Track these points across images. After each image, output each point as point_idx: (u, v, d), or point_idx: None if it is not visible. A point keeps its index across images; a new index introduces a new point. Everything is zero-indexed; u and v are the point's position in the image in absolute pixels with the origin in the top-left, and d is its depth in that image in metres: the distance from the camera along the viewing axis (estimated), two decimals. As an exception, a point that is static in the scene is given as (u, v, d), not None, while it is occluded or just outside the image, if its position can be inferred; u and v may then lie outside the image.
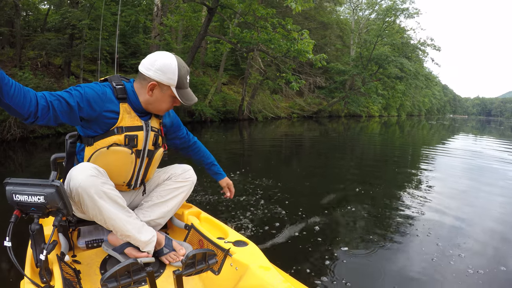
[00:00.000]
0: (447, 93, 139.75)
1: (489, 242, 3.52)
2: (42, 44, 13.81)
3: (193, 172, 2.40)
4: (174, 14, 16.12)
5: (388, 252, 3.13)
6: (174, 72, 1.93)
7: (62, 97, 1.73)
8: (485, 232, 3.83)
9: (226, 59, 23.55)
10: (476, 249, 3.33)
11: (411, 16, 32.64)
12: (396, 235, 3.55)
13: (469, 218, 4.29)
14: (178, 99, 1.99)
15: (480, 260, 3.08)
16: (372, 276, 2.69)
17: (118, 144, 1.93)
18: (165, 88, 1.96)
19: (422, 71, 38.88)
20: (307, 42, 12.39)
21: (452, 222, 4.08)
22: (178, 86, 1.96)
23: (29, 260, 1.76)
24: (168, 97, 1.99)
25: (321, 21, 31.01)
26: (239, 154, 9.03)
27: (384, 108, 47.96)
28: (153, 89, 1.95)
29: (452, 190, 5.77)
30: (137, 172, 2.12)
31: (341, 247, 3.20)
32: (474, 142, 16.40)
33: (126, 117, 1.96)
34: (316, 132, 18.92)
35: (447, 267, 2.87)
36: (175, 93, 1.96)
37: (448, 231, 3.76)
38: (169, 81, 1.93)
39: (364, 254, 3.07)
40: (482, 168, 8.30)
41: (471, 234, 3.71)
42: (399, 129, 24.82)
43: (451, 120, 56.71)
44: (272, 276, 1.67)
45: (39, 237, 1.61)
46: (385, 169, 7.91)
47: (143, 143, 2.03)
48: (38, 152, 8.75)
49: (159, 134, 2.16)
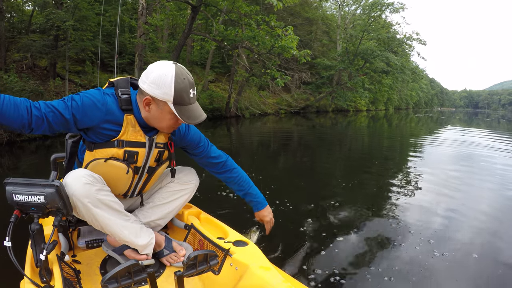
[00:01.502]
0: (435, 86, 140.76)
1: (479, 231, 3.65)
2: (27, 46, 13.65)
3: (196, 175, 2.36)
4: (158, 13, 16.15)
5: (387, 251, 3.11)
6: (170, 86, 1.70)
7: (57, 109, 1.66)
8: (476, 220, 3.97)
9: (213, 56, 23.56)
10: (465, 237, 3.44)
11: (396, 10, 32.79)
12: (397, 233, 3.52)
13: (459, 206, 4.43)
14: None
15: (470, 248, 3.18)
16: (371, 275, 2.67)
17: (116, 159, 1.84)
18: (161, 104, 1.76)
19: (408, 65, 39.17)
20: (291, 39, 12.45)
21: (442, 211, 4.21)
22: (176, 102, 1.73)
23: (29, 260, 1.76)
24: (167, 114, 1.79)
25: (306, 17, 31.10)
26: (227, 151, 9.10)
27: (371, 102, 48.30)
28: (149, 104, 1.78)
29: (441, 180, 5.90)
30: (135, 186, 2.06)
31: (341, 246, 3.20)
32: (461, 133, 16.69)
33: (130, 131, 1.84)
34: (304, 127, 19.02)
35: (441, 260, 2.91)
36: (173, 110, 1.74)
37: (440, 221, 3.87)
38: (164, 96, 1.72)
39: (363, 253, 3.06)
40: (468, 157, 8.56)
41: (461, 222, 3.85)
42: (387, 123, 25.02)
43: (439, 113, 57.21)
44: (272, 276, 1.67)
45: (39, 237, 1.61)
46: (373, 162, 7.98)
47: (143, 160, 1.94)
48: (26, 155, 8.69)
49: (164, 150, 2.03)
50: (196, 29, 15.30)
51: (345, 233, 3.49)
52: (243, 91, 23.54)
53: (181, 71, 1.74)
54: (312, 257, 2.96)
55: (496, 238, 3.47)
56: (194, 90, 1.81)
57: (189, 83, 1.76)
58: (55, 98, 13.01)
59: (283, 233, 3.47)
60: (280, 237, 3.34)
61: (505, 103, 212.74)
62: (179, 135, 2.12)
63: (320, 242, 3.27)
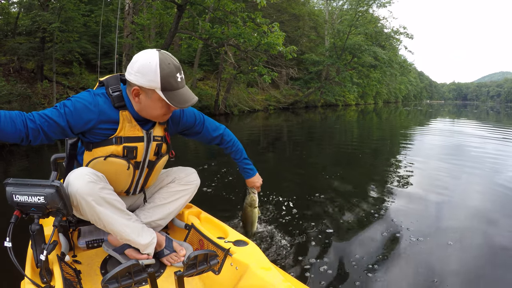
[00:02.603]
0: (423, 80, 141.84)
1: (472, 220, 3.81)
2: (13, 49, 13.56)
3: (197, 175, 2.36)
4: (145, 12, 16.11)
5: (385, 248, 3.15)
6: (155, 73, 1.69)
7: (51, 118, 1.68)
8: (468, 209, 4.15)
9: (201, 54, 23.53)
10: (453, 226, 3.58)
11: (383, 5, 32.97)
12: (396, 233, 3.51)
13: (449, 196, 4.61)
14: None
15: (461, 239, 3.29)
16: (371, 274, 2.69)
17: (115, 156, 1.85)
18: (150, 93, 1.75)
19: (396, 59, 39.31)
20: (277, 35, 12.51)
21: (434, 202, 4.37)
22: (164, 88, 1.72)
23: (29, 261, 1.76)
24: (158, 102, 1.78)
25: (293, 13, 31.10)
26: (216, 149, 9.15)
27: (360, 97, 48.53)
28: (138, 95, 1.78)
29: (431, 171, 6.09)
30: (136, 182, 2.07)
31: (340, 245, 3.23)
32: (450, 125, 16.96)
33: (127, 126, 1.85)
34: (293, 122, 19.12)
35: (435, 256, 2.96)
36: (162, 97, 1.73)
37: (431, 212, 4.02)
38: (151, 83, 1.71)
39: (362, 251, 3.09)
40: (457, 146, 8.88)
41: (453, 211, 4.05)
42: (376, 116, 25.18)
43: (428, 106, 57.59)
44: (272, 275, 1.68)
45: (39, 238, 1.62)
46: (363, 155, 8.14)
47: (143, 155, 1.95)
48: (16, 159, 8.65)
49: (163, 142, 2.04)
50: (183, 28, 15.31)
51: (343, 232, 3.53)
52: (232, 88, 23.54)
53: (166, 57, 1.72)
54: (312, 257, 2.97)
55: (490, 225, 3.62)
56: (182, 74, 1.79)
57: (175, 68, 1.74)
58: (43, 100, 13.02)
59: (283, 233, 3.47)
60: (280, 237, 3.37)
61: (493, 95, 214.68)
62: (175, 121, 2.12)
63: (320, 242, 3.29)
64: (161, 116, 1.87)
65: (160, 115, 1.86)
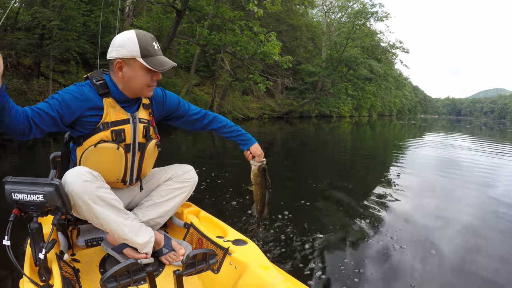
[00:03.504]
0: (418, 94, 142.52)
1: (463, 235, 3.78)
2: (12, 44, 13.46)
3: (194, 172, 2.36)
4: (145, 15, 16.20)
5: (384, 253, 3.15)
6: (134, 42, 1.83)
7: (43, 110, 1.73)
8: (459, 223, 4.10)
9: (198, 60, 23.64)
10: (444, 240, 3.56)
11: (380, 19, 33.25)
12: (394, 236, 3.55)
13: (441, 209, 4.61)
14: (154, 71, 1.88)
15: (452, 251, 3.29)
16: (370, 275, 2.71)
17: (105, 141, 1.89)
18: (131, 62, 1.86)
19: (391, 72, 39.65)
20: (273, 44, 12.67)
21: (423, 214, 4.37)
22: (143, 55, 1.84)
23: (28, 259, 1.76)
24: (139, 71, 1.87)
25: (291, 24, 31.28)
26: (209, 155, 9.26)
27: (355, 109, 48.78)
28: (121, 68, 1.88)
29: (423, 183, 6.14)
30: (130, 168, 2.07)
31: (341, 246, 3.25)
32: (444, 139, 16.99)
33: (111, 112, 1.92)
34: (287, 132, 19.16)
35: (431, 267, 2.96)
36: (143, 63, 1.84)
37: (420, 223, 4.02)
38: (132, 52, 1.83)
39: (361, 253, 3.12)
40: (449, 160, 8.93)
41: (440, 222, 4.04)
42: (370, 129, 25.21)
43: (422, 120, 57.81)
44: (271, 275, 1.67)
45: (38, 236, 1.61)
46: (356, 166, 8.17)
47: (131, 136, 1.98)
48: (7, 154, 8.55)
49: (149, 125, 2.09)
50: (181, 33, 15.42)
51: (337, 236, 3.52)
52: (227, 95, 23.66)
53: (140, 31, 1.88)
54: (311, 256, 2.99)
55: (477, 239, 3.64)
56: (157, 43, 1.93)
57: (151, 38, 1.89)
58: (38, 97, 13.07)
59: (282, 232, 3.50)
60: (279, 236, 3.40)
61: (487, 111, 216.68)
62: (159, 102, 2.19)
63: (320, 242, 3.32)
64: (145, 88, 1.95)
65: (144, 86, 1.93)
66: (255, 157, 2.33)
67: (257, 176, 2.28)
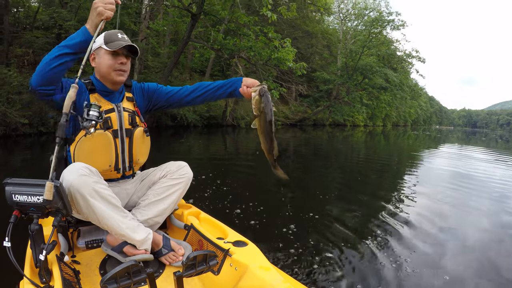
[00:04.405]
0: (434, 105, 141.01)
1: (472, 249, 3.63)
2: (29, 42, 13.78)
3: (188, 168, 2.38)
4: (161, 18, 16.30)
5: (383, 256, 3.15)
6: (102, 36, 2.08)
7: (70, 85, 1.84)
8: (471, 241, 3.91)
9: (213, 65, 23.73)
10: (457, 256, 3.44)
11: (396, 28, 32.99)
12: (392, 239, 3.58)
13: (453, 226, 4.35)
14: (118, 54, 2.06)
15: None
16: (370, 278, 2.73)
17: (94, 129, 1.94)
18: (99, 51, 2.08)
19: (407, 82, 39.31)
20: (287, 51, 12.63)
21: (436, 231, 4.08)
22: (106, 42, 2.05)
23: (28, 260, 1.75)
24: (104, 56, 2.07)
25: (306, 30, 31.24)
26: (223, 158, 9.28)
27: (369, 118, 48.36)
28: (94, 59, 2.11)
29: (438, 200, 5.78)
30: (122, 154, 2.16)
31: (340, 248, 3.26)
32: (459, 151, 16.66)
33: None
34: (301, 139, 19.07)
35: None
36: (105, 48, 2.04)
37: (432, 242, 3.75)
38: (99, 43, 2.07)
39: (361, 256, 3.12)
40: (464, 175, 8.58)
41: (454, 242, 3.81)
42: (384, 139, 24.90)
43: (437, 131, 57.12)
44: (272, 276, 1.68)
45: (38, 237, 1.61)
46: (368, 176, 8.05)
47: (117, 123, 2.11)
48: (20, 150, 8.76)
49: (135, 115, 2.21)
50: (197, 37, 15.50)
51: (345, 237, 3.58)
52: (241, 100, 23.68)
53: (111, 31, 2.12)
54: (311, 257, 3.01)
55: (490, 262, 3.40)
56: (123, 35, 2.12)
57: (117, 31, 2.11)
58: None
59: (282, 234, 3.52)
60: (280, 237, 3.41)
61: (503, 123, 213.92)
62: (139, 93, 2.34)
63: (320, 243, 3.35)
64: (112, 71, 2.09)
65: (110, 69, 2.08)
66: (252, 83, 2.13)
67: (259, 103, 1.92)
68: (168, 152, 9.44)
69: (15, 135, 10.67)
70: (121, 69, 2.11)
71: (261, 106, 1.92)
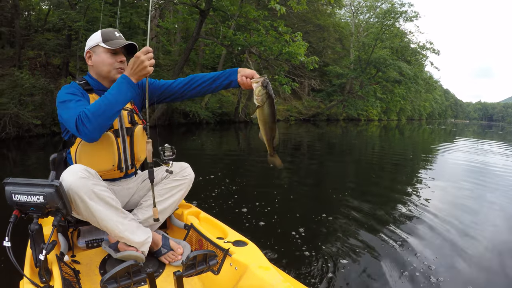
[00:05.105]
0: (449, 98, 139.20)
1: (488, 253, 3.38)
2: (41, 44, 13.96)
3: (190, 170, 2.39)
4: (170, 16, 16.27)
5: (385, 258, 3.06)
6: (97, 33, 2.11)
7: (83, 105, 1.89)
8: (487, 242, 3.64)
9: (224, 61, 23.69)
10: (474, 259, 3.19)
11: (409, 19, 32.54)
12: (394, 242, 3.43)
13: (470, 225, 4.09)
14: (117, 53, 2.09)
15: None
16: (370, 278, 2.69)
17: None
18: (96, 49, 2.09)
19: (421, 75, 38.76)
20: (299, 45, 12.49)
21: (452, 232, 3.80)
22: (105, 40, 2.07)
23: (28, 260, 1.77)
24: (103, 54, 2.08)
25: (318, 24, 30.95)
26: (235, 153, 9.15)
27: (383, 112, 47.82)
28: (90, 57, 2.12)
29: (453, 197, 5.56)
30: (124, 152, 2.17)
31: (340, 248, 3.21)
32: (475, 146, 16.25)
33: None
34: (314, 134, 18.95)
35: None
36: (104, 46, 2.06)
37: (448, 245, 3.49)
38: (96, 41, 2.08)
39: (361, 257, 3.05)
40: (481, 171, 8.25)
41: (472, 243, 3.56)
42: (399, 133, 24.60)
43: (452, 125, 56.36)
44: (271, 276, 1.68)
45: (38, 237, 1.62)
46: (383, 172, 7.87)
47: (118, 122, 2.12)
48: (33, 150, 8.88)
49: (133, 113, 2.24)
50: (208, 34, 15.43)
51: (346, 238, 3.48)
52: (253, 97, 23.62)
53: (106, 29, 2.14)
54: (311, 257, 2.98)
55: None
56: (119, 33, 2.15)
57: (113, 29, 2.14)
58: (65, 96, 13.40)
59: (283, 233, 3.48)
60: (280, 237, 3.37)
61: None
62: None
63: (320, 243, 3.29)
64: (112, 70, 2.11)
65: (110, 67, 2.10)
66: (248, 74, 2.13)
67: (263, 95, 1.92)
68: (179, 150, 8.96)
69: (28, 136, 10.82)
70: (121, 67, 2.12)
71: (264, 97, 1.93)
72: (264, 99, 1.93)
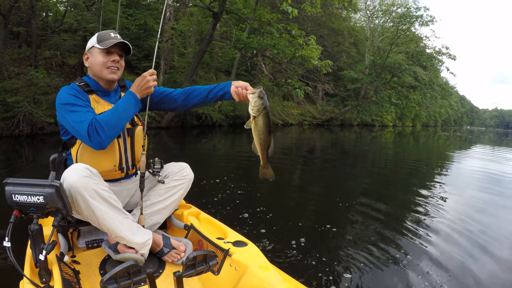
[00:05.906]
0: (465, 104, 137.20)
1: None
2: (57, 44, 14.22)
3: (190, 169, 2.41)
4: (184, 18, 16.36)
5: (386, 260, 3.04)
6: (95, 36, 2.14)
7: (91, 111, 1.98)
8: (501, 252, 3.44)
9: (239, 64, 23.72)
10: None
11: (425, 23, 32.29)
12: (396, 245, 3.38)
13: (486, 234, 3.90)
14: (110, 53, 2.11)
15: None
16: (371, 279, 2.68)
17: None
18: (92, 51, 2.13)
19: (437, 80, 38.29)
20: (312, 48, 12.44)
21: (466, 242, 3.63)
22: (99, 41, 2.09)
23: (28, 260, 1.77)
24: (98, 55, 2.10)
25: (332, 28, 30.82)
26: (246, 157, 9.17)
27: (398, 118, 47.35)
28: (87, 59, 2.16)
29: (468, 206, 5.30)
30: (124, 153, 2.18)
31: (340, 249, 3.20)
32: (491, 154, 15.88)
33: (97, 106, 2.08)
34: (328, 139, 18.74)
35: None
36: (97, 46, 2.08)
37: (462, 251, 3.37)
38: (92, 43, 2.12)
39: (363, 258, 3.03)
40: (497, 179, 7.99)
41: (487, 251, 3.41)
42: (414, 140, 24.13)
43: (468, 132, 55.48)
44: (271, 276, 1.69)
45: (38, 237, 1.62)
46: (397, 180, 7.70)
47: None
48: (46, 148, 9.03)
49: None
50: (222, 37, 15.46)
51: (347, 239, 3.49)
52: (267, 100, 23.61)
53: (104, 31, 2.17)
54: (312, 257, 2.96)
55: None
56: (116, 34, 2.15)
57: (110, 30, 2.16)
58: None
59: (283, 234, 3.47)
60: (280, 237, 3.35)
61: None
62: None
63: (320, 244, 3.29)
64: (104, 69, 2.12)
65: (102, 66, 2.11)
66: (242, 86, 2.20)
67: (259, 105, 1.95)
68: (188, 152, 9.34)
69: (41, 134, 10.99)
70: (114, 66, 2.14)
71: (260, 107, 1.96)
72: (260, 110, 1.96)
